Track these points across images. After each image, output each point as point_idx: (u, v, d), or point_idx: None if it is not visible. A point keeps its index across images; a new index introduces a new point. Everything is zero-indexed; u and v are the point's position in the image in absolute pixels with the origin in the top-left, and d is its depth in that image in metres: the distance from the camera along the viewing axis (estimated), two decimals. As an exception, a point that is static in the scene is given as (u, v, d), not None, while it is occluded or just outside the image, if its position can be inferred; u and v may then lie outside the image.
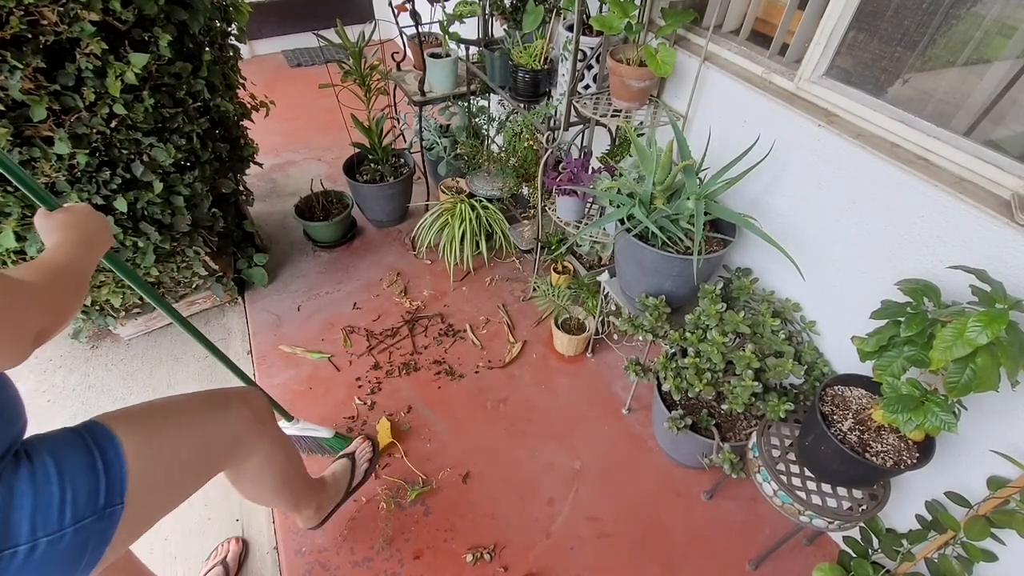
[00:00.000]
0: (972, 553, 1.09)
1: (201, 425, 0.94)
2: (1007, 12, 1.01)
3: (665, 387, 1.45)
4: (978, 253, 1.06)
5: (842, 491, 1.25)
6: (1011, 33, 1.01)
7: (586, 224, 1.88)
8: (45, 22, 1.21)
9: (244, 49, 4.10)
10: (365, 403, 1.90)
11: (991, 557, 1.10)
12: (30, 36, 1.22)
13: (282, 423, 1.53)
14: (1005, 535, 1.08)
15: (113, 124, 1.43)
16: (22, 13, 1.19)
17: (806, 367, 1.41)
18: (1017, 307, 0.89)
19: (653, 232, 1.40)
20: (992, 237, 1.03)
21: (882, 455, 1.12)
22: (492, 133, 2.46)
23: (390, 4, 2.12)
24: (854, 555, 1.26)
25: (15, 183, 0.83)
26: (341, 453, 1.60)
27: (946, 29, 1.10)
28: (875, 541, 1.26)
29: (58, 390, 1.93)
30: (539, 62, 1.83)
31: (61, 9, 1.22)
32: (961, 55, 1.09)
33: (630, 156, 1.67)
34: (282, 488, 1.20)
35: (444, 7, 2.07)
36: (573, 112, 1.69)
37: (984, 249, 1.05)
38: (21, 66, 1.22)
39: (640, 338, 1.49)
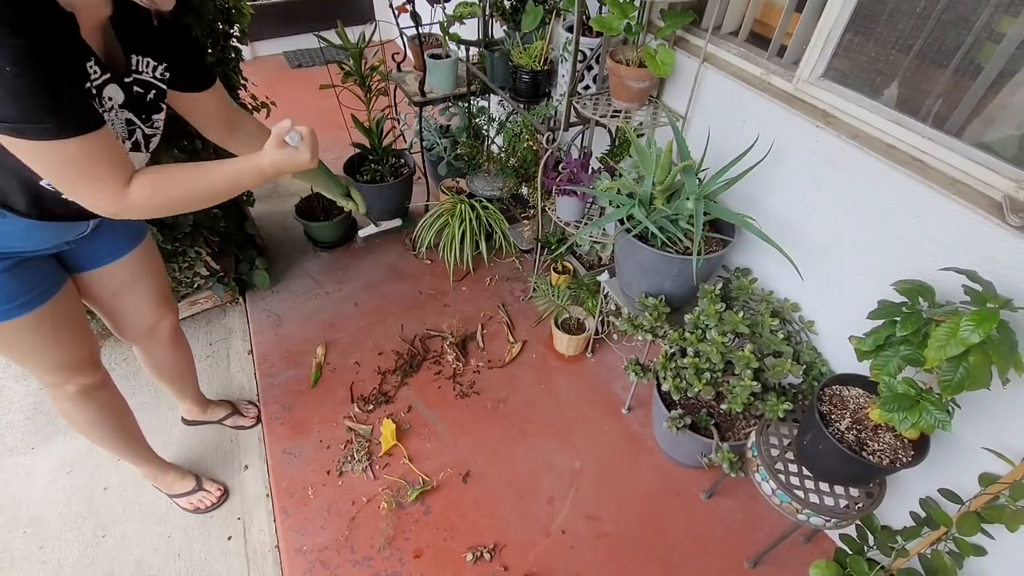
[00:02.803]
0: (963, 548, 1.11)
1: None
2: (995, 18, 1.02)
3: (664, 387, 1.46)
4: (972, 253, 1.07)
5: (839, 489, 1.27)
6: (1000, 39, 1.02)
7: (586, 224, 1.89)
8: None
9: (246, 50, 4.09)
10: (366, 403, 1.91)
11: (981, 552, 1.11)
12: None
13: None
14: (995, 530, 1.10)
15: (116, 125, 1.44)
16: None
17: (804, 367, 1.42)
18: (1008, 306, 0.91)
19: (653, 232, 1.41)
20: (984, 238, 1.04)
21: (879, 454, 1.13)
22: (492, 133, 2.47)
23: (390, 5, 2.13)
24: (850, 552, 1.27)
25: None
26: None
27: (939, 33, 1.11)
28: (871, 538, 1.27)
29: (61, 389, 1.94)
30: (539, 63, 1.84)
31: (66, 12, 1.23)
32: (954, 59, 1.10)
33: (630, 156, 1.68)
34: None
35: (444, 8, 2.08)
36: (573, 113, 1.70)
37: (977, 249, 1.06)
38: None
39: (640, 338, 1.50)
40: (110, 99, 0.90)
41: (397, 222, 1.92)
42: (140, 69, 0.95)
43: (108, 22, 0.88)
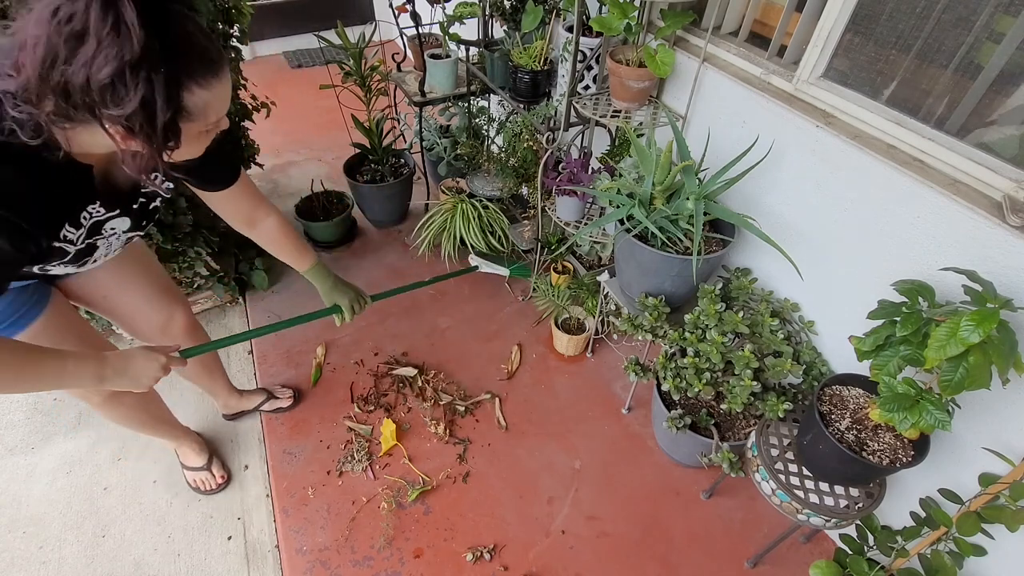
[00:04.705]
0: (963, 548, 1.11)
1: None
2: (995, 18, 1.02)
3: (664, 387, 1.46)
4: (971, 253, 1.07)
5: (839, 489, 1.27)
6: (1000, 39, 1.02)
7: (586, 224, 1.89)
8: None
9: (246, 51, 4.10)
10: (366, 403, 1.91)
11: (980, 551, 1.11)
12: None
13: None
14: (995, 530, 1.10)
15: (117, 125, 1.44)
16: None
17: (804, 367, 1.42)
18: (1007, 306, 0.91)
19: (653, 232, 1.41)
20: (984, 238, 1.04)
21: (878, 453, 1.13)
22: (492, 133, 2.47)
23: (390, 5, 2.13)
24: (850, 552, 1.27)
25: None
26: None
27: (939, 33, 1.11)
28: (871, 538, 1.27)
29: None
30: (539, 63, 1.84)
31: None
32: (954, 58, 1.10)
33: (630, 156, 1.68)
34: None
35: (444, 8, 2.08)
36: (573, 113, 1.70)
37: (976, 249, 1.06)
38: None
39: (639, 338, 1.50)
40: (112, 229, 0.89)
41: (504, 271, 2.16)
42: (146, 186, 0.93)
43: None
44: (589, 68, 1.70)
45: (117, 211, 0.87)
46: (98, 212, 0.83)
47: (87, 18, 0.57)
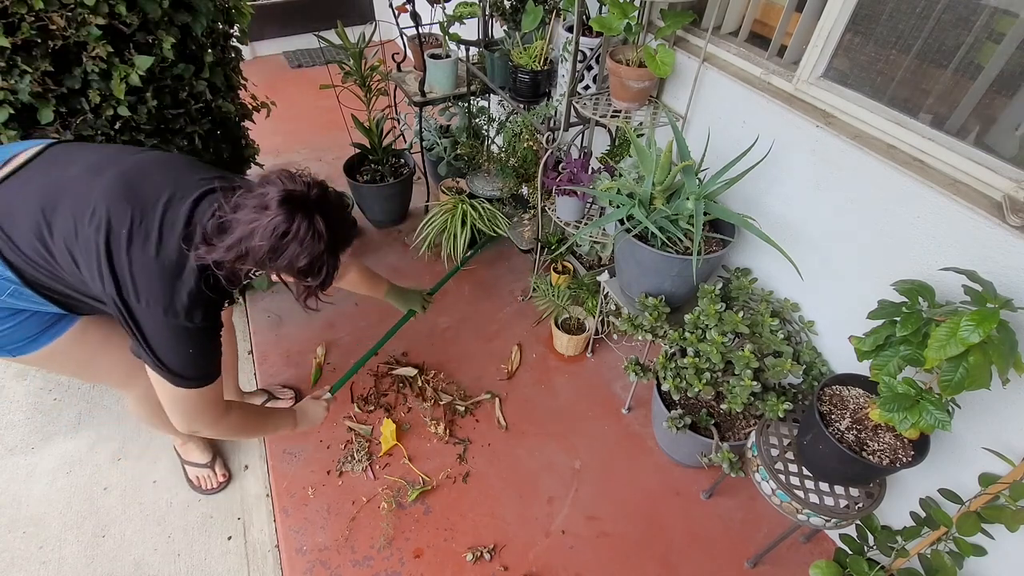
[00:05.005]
0: (963, 548, 1.11)
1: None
2: (995, 18, 1.02)
3: (664, 387, 1.46)
4: (971, 253, 1.07)
5: (839, 489, 1.27)
6: (1000, 39, 1.02)
7: (586, 224, 1.89)
8: (53, 27, 1.23)
9: (246, 50, 4.10)
10: (366, 403, 1.91)
11: (980, 551, 1.11)
12: (39, 41, 1.24)
13: None
14: (994, 530, 1.10)
15: (117, 126, 1.44)
16: (33, 19, 1.20)
17: (804, 367, 1.42)
18: (1007, 306, 0.91)
19: (653, 232, 1.41)
20: (984, 238, 1.04)
21: (878, 454, 1.13)
22: (492, 133, 2.47)
23: (390, 5, 2.13)
24: (850, 552, 1.27)
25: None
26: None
27: (939, 33, 1.11)
28: (871, 538, 1.27)
29: (63, 389, 1.94)
30: (539, 63, 1.84)
31: (69, 14, 1.24)
32: (954, 58, 1.10)
33: (630, 156, 1.68)
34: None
35: (444, 8, 2.08)
36: (573, 113, 1.70)
37: (977, 249, 1.06)
38: (30, 70, 1.24)
39: (639, 338, 1.50)
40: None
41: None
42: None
43: None
44: (589, 68, 1.70)
45: (232, 303, 1.12)
46: (224, 305, 1.07)
47: (298, 232, 0.86)
